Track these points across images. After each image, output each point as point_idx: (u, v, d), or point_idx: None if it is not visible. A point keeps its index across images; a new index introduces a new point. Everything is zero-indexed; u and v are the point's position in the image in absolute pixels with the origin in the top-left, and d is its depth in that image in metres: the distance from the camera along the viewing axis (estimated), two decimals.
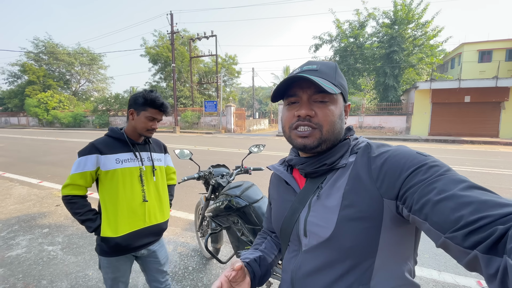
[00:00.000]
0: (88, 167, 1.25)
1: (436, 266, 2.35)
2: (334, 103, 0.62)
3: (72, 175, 1.25)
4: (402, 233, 0.56)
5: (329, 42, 19.29)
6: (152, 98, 1.29)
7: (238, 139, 14.57)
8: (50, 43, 32.19)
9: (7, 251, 2.65)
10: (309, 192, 0.64)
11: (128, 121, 1.36)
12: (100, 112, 25.94)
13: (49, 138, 15.16)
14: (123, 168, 1.30)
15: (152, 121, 1.34)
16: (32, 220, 3.42)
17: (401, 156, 0.54)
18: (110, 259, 1.35)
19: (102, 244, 1.30)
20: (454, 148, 10.44)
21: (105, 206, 1.30)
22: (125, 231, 1.31)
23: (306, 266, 0.62)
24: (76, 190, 1.27)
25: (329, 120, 0.61)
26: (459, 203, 0.41)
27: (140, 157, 1.37)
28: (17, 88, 32.90)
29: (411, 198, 0.47)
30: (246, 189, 1.86)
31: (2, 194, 4.50)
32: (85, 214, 1.28)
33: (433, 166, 0.49)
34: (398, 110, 16.68)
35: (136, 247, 1.37)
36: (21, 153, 9.25)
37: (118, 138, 1.34)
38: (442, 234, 0.41)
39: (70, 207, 1.27)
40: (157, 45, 26.15)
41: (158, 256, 1.48)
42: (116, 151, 1.31)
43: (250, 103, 45.58)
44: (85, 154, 1.26)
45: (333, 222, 0.57)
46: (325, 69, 0.63)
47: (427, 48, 16.62)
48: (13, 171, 6.22)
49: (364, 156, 0.59)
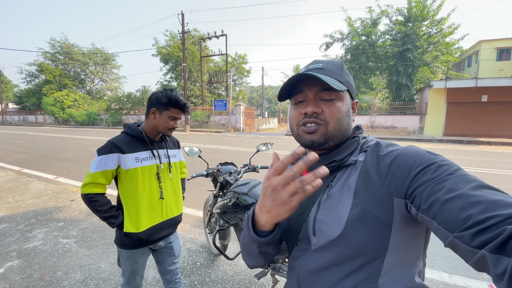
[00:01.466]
0: (109, 166, 1.27)
1: (447, 269, 2.29)
2: (341, 100, 0.63)
3: (93, 174, 1.26)
4: (412, 233, 0.56)
5: (340, 40, 19.01)
6: (176, 98, 1.32)
7: (247, 138, 14.61)
8: (66, 44, 33.15)
9: (24, 243, 2.77)
10: (318, 190, 0.63)
11: (148, 120, 1.37)
12: (113, 111, 26.54)
13: (64, 135, 15.66)
14: (142, 166, 1.34)
15: (173, 120, 1.37)
16: (48, 214, 3.55)
17: (410, 154, 0.53)
18: (131, 252, 1.39)
19: (124, 238, 1.35)
20: (470, 149, 10.11)
21: (126, 203, 1.34)
22: (146, 227, 1.37)
23: (314, 264, 0.61)
24: (97, 188, 1.29)
25: (336, 117, 0.61)
26: (468, 202, 0.40)
27: (158, 155, 1.41)
28: (35, 87, 34.08)
29: (419, 197, 0.47)
30: (254, 186, 1.87)
31: (20, 189, 4.69)
32: (108, 212, 1.30)
33: (443, 165, 0.49)
34: (411, 109, 16.28)
35: (155, 240, 1.44)
36: (38, 150, 9.60)
37: (137, 136, 1.36)
38: (450, 234, 0.41)
39: (92, 205, 1.28)
40: (168, 44, 26.51)
41: (173, 247, 1.56)
42: (136, 150, 1.33)
43: (259, 102, 45.57)
44: (106, 153, 1.27)
45: (343, 221, 0.56)
46: (331, 67, 0.64)
47: (442, 46, 16.10)
48: (30, 167, 6.47)
49: (373, 155, 0.59)
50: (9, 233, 2.98)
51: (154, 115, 1.34)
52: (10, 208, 3.78)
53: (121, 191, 1.34)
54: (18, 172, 5.98)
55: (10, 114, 37.45)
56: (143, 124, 1.40)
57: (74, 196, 4.31)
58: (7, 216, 3.46)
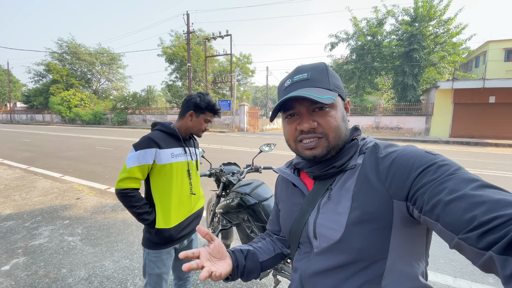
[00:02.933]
0: (147, 160, 1.28)
1: (452, 272, 2.26)
2: (334, 108, 0.61)
3: (131, 168, 1.26)
4: (413, 234, 0.55)
5: (345, 40, 18.92)
6: (213, 104, 1.42)
7: (250, 138, 14.62)
8: (73, 44, 33.60)
9: (30, 240, 2.82)
10: (318, 194, 0.64)
11: (183, 120, 1.42)
12: (119, 110, 26.82)
13: (71, 134, 15.87)
14: (177, 162, 1.38)
15: (207, 123, 1.45)
16: (54, 212, 3.60)
17: (409, 156, 0.53)
18: (159, 252, 1.39)
19: (154, 237, 1.35)
20: (477, 151, 9.97)
21: (159, 198, 1.36)
22: (176, 222, 1.40)
23: (316, 266, 0.62)
24: (134, 183, 1.29)
25: (333, 127, 0.60)
26: (471, 202, 0.40)
27: (190, 152, 1.47)
28: (42, 87, 34.66)
29: (421, 199, 0.46)
30: (256, 187, 1.87)
31: (27, 187, 4.77)
32: (143, 207, 1.30)
33: (443, 165, 0.48)
34: (417, 110, 16.11)
35: (183, 236, 1.46)
36: (45, 148, 9.74)
37: (171, 134, 1.40)
38: (455, 235, 0.40)
39: (128, 200, 1.27)
40: (173, 45, 26.68)
41: (192, 245, 1.58)
42: (171, 146, 1.37)
43: (263, 102, 45.57)
44: (145, 148, 1.29)
45: (343, 225, 0.56)
46: (317, 75, 0.61)
47: (449, 46, 15.90)
48: (37, 165, 6.57)
49: (372, 157, 0.58)
50: (16, 231, 3.03)
51: (191, 117, 1.40)
52: (17, 205, 3.84)
53: (154, 186, 1.36)
54: (25, 170, 6.08)
55: (18, 113, 38.10)
56: (176, 123, 1.45)
57: (80, 194, 4.36)
58: (14, 214, 3.52)
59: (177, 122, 1.45)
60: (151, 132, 1.40)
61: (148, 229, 1.36)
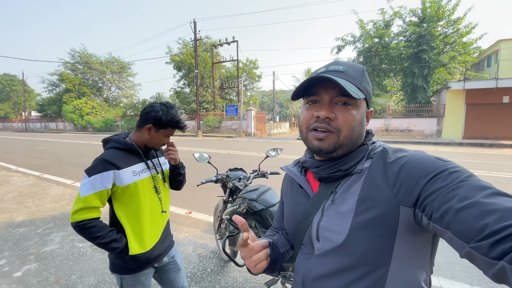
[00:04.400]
0: (104, 185, 1.14)
1: (468, 280, 2.17)
2: (357, 108, 0.60)
3: (86, 197, 1.11)
4: (418, 242, 0.54)
5: (352, 43, 18.83)
6: (177, 120, 1.26)
7: (258, 142, 14.61)
8: (85, 54, 34.72)
9: (42, 246, 2.86)
10: (322, 196, 0.63)
11: (140, 133, 1.27)
12: (129, 117, 27.37)
13: (82, 141, 16.25)
14: (141, 179, 1.25)
15: (167, 138, 1.31)
16: (65, 218, 3.66)
17: (419, 161, 0.51)
18: (136, 275, 1.28)
19: (129, 263, 1.24)
20: (491, 153, 9.65)
21: (129, 223, 1.24)
22: (152, 244, 1.29)
23: (318, 269, 0.61)
24: (92, 213, 1.14)
25: (349, 125, 0.59)
26: (483, 210, 0.39)
27: (153, 165, 1.34)
28: (56, 96, 35.86)
29: (430, 206, 0.45)
30: (263, 193, 1.85)
31: (40, 194, 4.89)
32: (108, 236, 1.15)
33: (454, 172, 0.47)
34: (428, 112, 15.78)
35: (161, 255, 1.36)
36: (58, 155, 10.00)
37: (128, 149, 1.25)
38: (466, 244, 0.39)
39: (88, 232, 1.11)
40: (181, 52, 27.15)
41: (177, 261, 1.47)
42: (131, 163, 1.23)
43: (270, 107, 45.63)
44: (100, 171, 1.13)
45: (347, 228, 0.55)
46: (352, 72, 0.61)
47: (459, 46, 15.61)
48: (50, 172, 6.73)
49: (380, 162, 0.57)
50: (28, 237, 3.09)
51: (149, 132, 1.25)
52: (30, 212, 3.93)
53: (120, 210, 1.23)
54: (39, 178, 6.23)
55: (32, 122, 39.41)
56: (132, 136, 1.30)
57: None
58: (27, 220, 3.60)
59: (134, 134, 1.29)
60: (104, 152, 1.23)
61: (119, 256, 1.23)
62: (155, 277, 1.45)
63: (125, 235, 1.23)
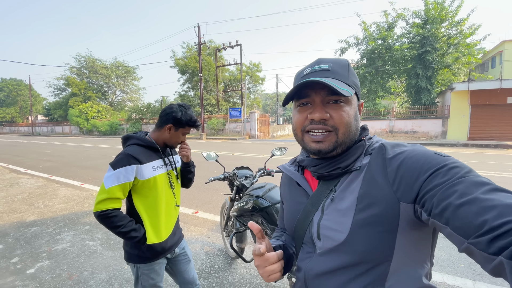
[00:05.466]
0: (128, 178, 1.23)
1: (471, 276, 2.19)
2: (349, 104, 0.60)
3: (111, 188, 1.20)
4: (418, 236, 0.55)
5: (355, 45, 18.86)
6: (194, 119, 1.38)
7: (261, 144, 14.67)
8: (90, 58, 35.26)
9: (54, 245, 2.95)
10: (322, 194, 0.63)
11: (161, 132, 1.37)
12: (134, 121, 27.65)
13: (88, 145, 16.46)
14: (159, 174, 1.35)
15: (184, 136, 1.42)
16: (75, 218, 3.75)
17: (418, 157, 0.51)
18: (151, 264, 1.36)
19: (146, 252, 1.32)
20: (497, 153, 9.57)
21: (147, 214, 1.32)
22: (167, 235, 1.39)
23: (320, 267, 0.61)
24: (115, 203, 1.22)
25: (345, 122, 0.59)
26: (482, 207, 0.39)
27: (169, 162, 1.44)
28: (62, 100, 36.44)
29: (430, 202, 0.46)
30: (269, 190, 1.91)
31: (50, 195, 4.99)
32: (128, 225, 1.23)
33: (453, 167, 0.47)
34: (433, 113, 15.70)
35: (173, 246, 1.45)
36: (65, 158, 10.16)
37: (149, 146, 1.35)
38: (465, 240, 0.40)
39: (111, 221, 1.20)
40: (185, 56, 27.43)
41: (187, 253, 1.57)
42: (151, 159, 1.33)
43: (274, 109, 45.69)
44: (124, 165, 1.23)
45: (348, 226, 0.55)
46: (338, 68, 0.61)
47: (463, 47, 15.54)
48: (58, 175, 6.86)
49: (378, 158, 0.57)
50: (40, 236, 3.18)
51: (170, 131, 1.35)
52: (40, 212, 4.03)
53: (139, 202, 1.32)
54: (47, 179, 6.36)
55: (39, 126, 39.96)
56: (152, 134, 1.39)
57: None
58: (38, 220, 3.70)
59: (153, 133, 1.39)
60: (127, 147, 1.32)
61: (136, 245, 1.31)
62: (166, 268, 1.52)
63: (143, 225, 1.31)
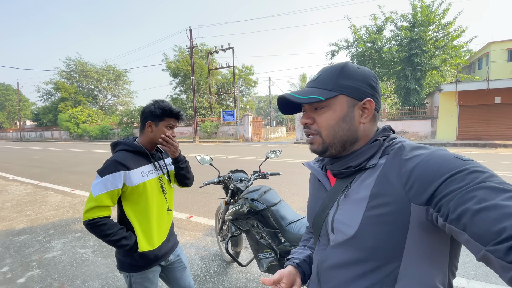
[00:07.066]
0: (115, 185, 1.20)
1: (465, 274, 2.23)
2: (332, 108, 0.63)
3: (98, 196, 1.17)
4: (433, 241, 0.54)
5: (345, 48, 19.15)
6: (169, 107, 1.31)
7: (255, 147, 14.67)
8: (81, 62, 34.73)
9: (44, 253, 2.87)
10: (338, 190, 0.66)
11: (144, 133, 1.34)
12: (125, 125, 27.30)
13: (79, 150, 16.15)
14: (149, 180, 1.31)
15: (170, 130, 1.36)
16: (66, 225, 3.67)
17: (435, 160, 0.51)
18: (145, 273, 1.33)
19: (138, 260, 1.29)
20: (485, 153, 9.82)
21: (138, 221, 1.29)
22: (160, 242, 1.35)
23: (331, 260, 0.64)
24: (103, 211, 1.20)
25: (326, 125, 0.64)
26: (502, 213, 0.38)
27: (160, 166, 1.40)
28: (51, 105, 35.68)
29: (446, 207, 0.44)
30: (264, 193, 1.91)
31: (39, 202, 4.87)
32: (118, 233, 1.20)
33: (473, 172, 0.45)
34: (422, 114, 16.03)
35: (167, 253, 1.41)
36: (55, 164, 9.93)
37: (137, 151, 1.32)
38: (482, 247, 0.39)
39: (100, 230, 1.17)
40: (177, 59, 27.34)
41: (182, 260, 1.53)
42: (139, 164, 1.30)
43: (267, 112, 45.84)
44: (111, 172, 1.19)
45: (357, 222, 0.57)
46: (325, 76, 0.65)
47: (450, 49, 15.99)
48: (48, 181, 6.70)
49: (395, 158, 0.57)
50: (30, 244, 3.09)
51: (151, 128, 1.32)
52: (30, 220, 3.92)
53: (129, 209, 1.29)
54: (37, 186, 6.20)
55: (27, 131, 39.02)
56: (139, 139, 1.37)
57: None
58: (27, 228, 3.60)
59: (140, 138, 1.37)
60: (114, 153, 1.29)
61: (128, 253, 1.27)
62: (161, 276, 1.48)
63: (134, 233, 1.28)
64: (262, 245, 1.81)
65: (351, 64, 0.66)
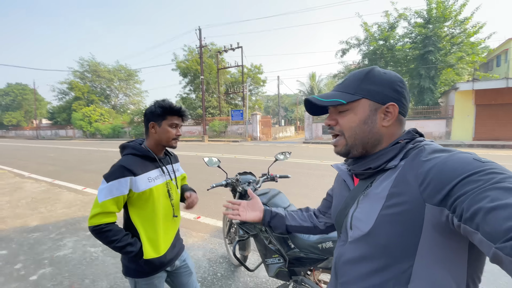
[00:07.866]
0: (121, 191, 1.17)
1: (485, 285, 2.12)
2: (354, 111, 0.66)
3: (104, 202, 1.15)
4: (448, 244, 0.53)
5: (357, 46, 18.80)
6: (169, 105, 1.27)
7: (264, 146, 14.62)
8: (93, 62, 35.60)
9: (55, 251, 2.92)
10: (359, 190, 0.69)
11: (150, 136, 1.31)
12: (136, 124, 27.78)
13: (92, 148, 16.54)
14: (156, 186, 1.28)
15: (175, 128, 1.31)
16: (77, 224, 3.73)
17: (453, 162, 0.51)
18: (150, 278, 1.31)
19: (143, 267, 1.26)
20: (503, 154, 9.43)
21: (143, 227, 1.27)
22: (166, 248, 1.32)
23: (347, 255, 0.67)
24: (108, 218, 1.17)
25: (348, 127, 0.67)
26: None
27: (167, 171, 1.37)
28: (65, 104, 36.77)
29: (460, 206, 0.45)
30: (273, 196, 1.86)
31: (52, 199, 4.99)
32: (123, 240, 1.18)
33: (490, 173, 0.45)
34: (436, 113, 15.56)
35: (173, 259, 1.39)
36: (68, 162, 10.20)
37: (145, 156, 1.28)
38: (492, 244, 0.39)
39: (105, 236, 1.16)
40: (187, 59, 27.53)
41: (188, 265, 1.49)
42: (146, 170, 1.26)
43: (275, 111, 45.66)
44: (117, 178, 1.17)
45: (373, 219, 0.59)
46: (350, 80, 0.68)
47: (467, 46, 15.41)
48: (61, 179, 6.87)
49: (414, 160, 0.58)
50: (42, 242, 3.16)
51: (155, 129, 1.28)
52: (43, 217, 4.01)
53: (135, 215, 1.26)
54: (51, 184, 6.37)
55: (43, 129, 40.35)
56: (146, 142, 1.33)
57: None
58: (40, 226, 3.68)
59: (146, 141, 1.34)
60: (121, 158, 1.26)
61: (134, 259, 1.24)
62: (167, 281, 1.46)
63: (139, 239, 1.25)
64: (270, 250, 1.76)
65: (378, 69, 0.67)
